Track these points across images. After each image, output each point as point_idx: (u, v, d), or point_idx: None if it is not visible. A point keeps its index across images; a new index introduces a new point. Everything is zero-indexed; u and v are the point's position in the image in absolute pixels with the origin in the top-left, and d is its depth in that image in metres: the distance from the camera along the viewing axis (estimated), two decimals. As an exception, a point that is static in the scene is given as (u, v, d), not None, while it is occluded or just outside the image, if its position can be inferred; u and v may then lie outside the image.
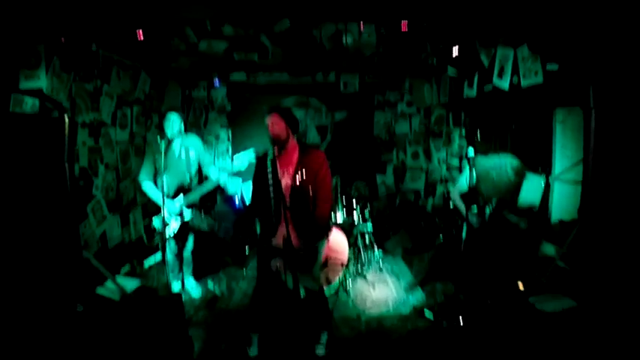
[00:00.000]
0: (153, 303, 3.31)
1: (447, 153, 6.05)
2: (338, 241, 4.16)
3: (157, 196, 3.96)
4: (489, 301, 3.55)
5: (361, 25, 4.42)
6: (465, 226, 3.66)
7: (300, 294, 2.85)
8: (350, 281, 4.54)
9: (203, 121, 6.89)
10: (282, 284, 2.89)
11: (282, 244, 2.76)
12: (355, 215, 4.96)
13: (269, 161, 2.89)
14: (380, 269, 5.03)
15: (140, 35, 3.91)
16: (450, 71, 5.23)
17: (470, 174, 3.40)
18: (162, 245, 4.06)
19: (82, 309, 3.15)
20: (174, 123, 3.95)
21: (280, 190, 2.84)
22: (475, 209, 3.65)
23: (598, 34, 2.92)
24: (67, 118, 3.28)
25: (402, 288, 4.58)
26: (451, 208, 5.32)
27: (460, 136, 5.59)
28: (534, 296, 3.23)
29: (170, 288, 4.05)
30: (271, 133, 2.89)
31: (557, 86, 3.44)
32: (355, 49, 5.23)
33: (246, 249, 5.48)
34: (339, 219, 4.75)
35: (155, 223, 4.06)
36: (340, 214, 4.80)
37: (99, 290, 3.84)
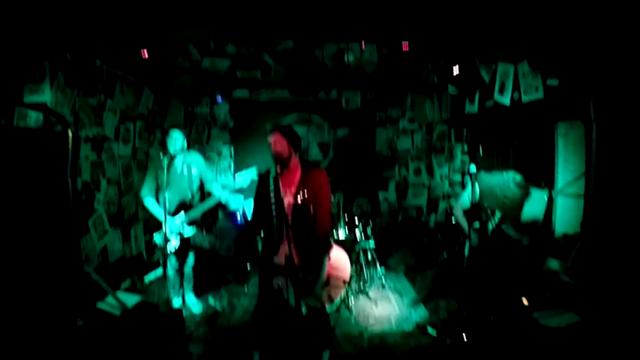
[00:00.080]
0: (153, 318, 3.27)
1: (449, 169, 6.05)
2: (340, 259, 4.10)
3: (159, 213, 3.97)
4: (493, 318, 3.50)
5: (363, 45, 4.48)
6: (468, 243, 3.63)
7: (302, 311, 2.81)
8: (352, 298, 4.50)
9: (205, 138, 6.90)
10: (284, 302, 2.86)
11: (284, 262, 2.76)
12: (357, 232, 4.93)
13: (271, 179, 2.89)
14: (382, 286, 4.98)
15: (145, 54, 3.99)
16: (451, 89, 5.28)
17: (472, 190, 3.40)
18: (163, 261, 4.04)
19: (83, 323, 3.12)
20: (176, 140, 3.99)
21: (282, 209, 2.82)
22: (478, 225, 3.64)
23: (597, 48, 2.95)
24: (70, 132, 3.31)
25: (404, 305, 4.53)
26: (453, 224, 5.30)
27: (462, 152, 5.60)
28: (538, 312, 3.19)
29: (171, 304, 4.02)
30: (274, 151, 2.91)
31: (558, 101, 3.47)
32: (357, 67, 5.28)
33: (248, 265, 5.44)
34: (341, 236, 4.73)
35: (156, 239, 4.06)
36: (342, 231, 4.78)
37: (99, 305, 3.81)
